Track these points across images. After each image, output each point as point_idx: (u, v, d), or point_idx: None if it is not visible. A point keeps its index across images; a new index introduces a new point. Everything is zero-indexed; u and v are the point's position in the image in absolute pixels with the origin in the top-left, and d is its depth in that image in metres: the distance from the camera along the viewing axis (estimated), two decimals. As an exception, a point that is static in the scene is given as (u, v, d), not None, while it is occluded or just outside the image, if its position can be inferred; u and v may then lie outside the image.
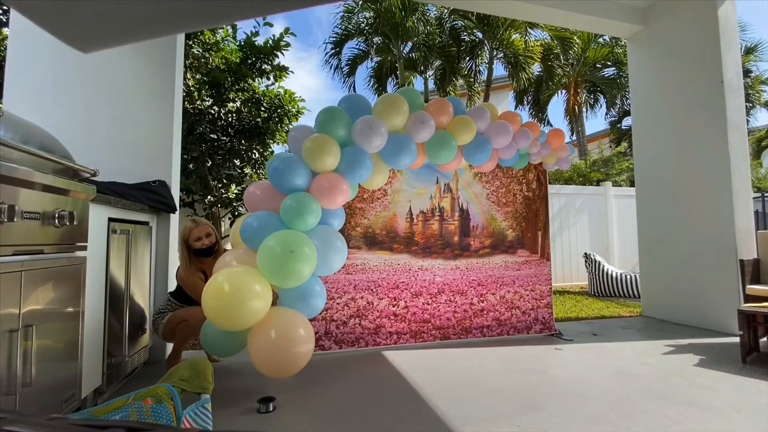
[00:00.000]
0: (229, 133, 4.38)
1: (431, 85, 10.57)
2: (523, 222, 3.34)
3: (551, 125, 12.39)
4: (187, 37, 3.76)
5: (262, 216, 2.25)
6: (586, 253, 5.75)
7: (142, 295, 2.37)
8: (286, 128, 4.67)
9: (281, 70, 4.47)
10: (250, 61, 4.36)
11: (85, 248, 1.69)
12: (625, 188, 7.33)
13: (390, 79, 10.41)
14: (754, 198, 5.98)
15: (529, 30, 9.45)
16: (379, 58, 10.11)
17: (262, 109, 4.51)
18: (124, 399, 1.07)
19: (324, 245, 2.27)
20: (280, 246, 1.97)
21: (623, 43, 8.80)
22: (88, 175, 1.89)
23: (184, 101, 3.81)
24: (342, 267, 2.57)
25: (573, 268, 6.41)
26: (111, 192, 2.08)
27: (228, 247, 4.65)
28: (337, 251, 2.32)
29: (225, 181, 4.34)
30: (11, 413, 0.26)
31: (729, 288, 3.22)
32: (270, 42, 4.31)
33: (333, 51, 9.91)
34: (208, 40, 4.19)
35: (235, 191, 4.44)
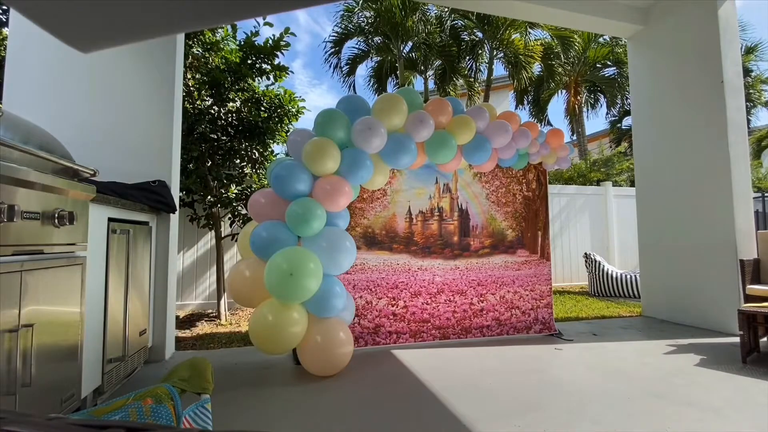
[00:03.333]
0: (229, 132, 4.37)
1: (431, 85, 10.57)
2: (523, 222, 3.34)
3: (551, 125, 12.39)
4: (187, 37, 3.75)
5: (269, 226, 2.28)
6: (586, 253, 5.75)
7: (141, 295, 2.37)
8: (286, 128, 4.67)
9: (281, 70, 4.47)
10: (250, 61, 4.35)
11: (85, 248, 1.69)
12: (625, 188, 7.33)
13: (390, 78, 10.41)
14: (754, 198, 5.98)
15: (530, 30, 9.44)
16: (379, 58, 10.11)
17: (262, 108, 4.51)
18: (123, 399, 1.07)
19: (332, 246, 2.30)
20: (280, 269, 2.08)
21: (623, 42, 8.80)
22: (87, 175, 1.88)
23: (184, 101, 3.81)
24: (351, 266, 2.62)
25: (573, 268, 6.41)
26: (111, 192, 2.08)
27: (234, 250, 4.65)
28: (346, 251, 2.35)
29: (225, 181, 4.33)
30: (11, 413, 0.26)
31: (729, 288, 3.22)
32: (270, 42, 4.30)
33: (333, 50, 9.92)
34: (208, 40, 4.19)
35: (235, 191, 4.44)
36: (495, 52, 9.76)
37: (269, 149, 4.69)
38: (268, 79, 4.54)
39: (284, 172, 2.29)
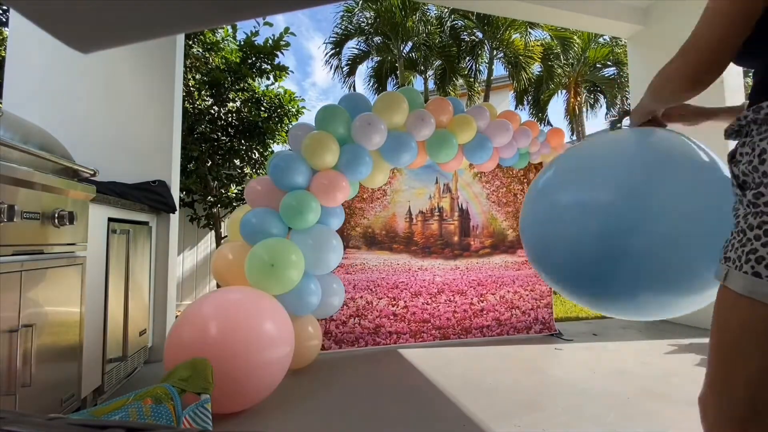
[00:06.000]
0: (229, 133, 4.38)
1: (431, 85, 10.57)
2: (523, 222, 3.34)
3: (551, 125, 12.38)
4: (187, 37, 3.76)
5: (261, 213, 2.27)
6: (586, 253, 5.75)
7: (141, 295, 2.37)
8: (286, 128, 4.68)
9: (281, 70, 4.48)
10: (250, 61, 4.36)
11: (84, 248, 1.69)
12: (625, 188, 7.31)
13: (390, 78, 10.41)
14: (754, 198, 5.96)
15: (529, 30, 9.45)
16: (379, 58, 10.11)
17: (262, 108, 4.51)
18: (123, 399, 1.07)
19: (319, 245, 2.30)
20: (261, 260, 2.07)
21: (623, 43, 8.79)
22: (87, 175, 1.88)
23: (184, 101, 3.81)
24: (338, 265, 2.63)
25: (573, 268, 6.41)
26: (111, 192, 2.08)
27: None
28: (333, 250, 2.35)
29: (225, 181, 4.34)
30: (11, 413, 0.26)
31: (729, 288, 3.21)
32: (270, 42, 4.31)
33: (333, 51, 9.92)
34: (208, 40, 4.19)
35: (235, 191, 4.44)
36: (495, 53, 9.76)
37: (269, 149, 4.69)
38: (268, 78, 4.55)
39: (283, 162, 2.31)
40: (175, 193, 2.80)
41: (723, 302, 0.75)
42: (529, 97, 11.76)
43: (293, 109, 4.71)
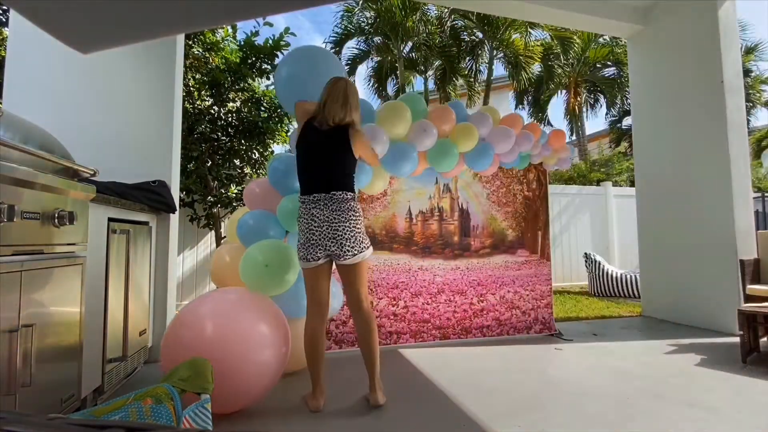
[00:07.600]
0: (229, 133, 4.38)
1: (431, 85, 10.57)
2: (523, 222, 3.34)
3: (551, 125, 12.38)
4: (187, 37, 3.76)
5: (258, 215, 2.27)
6: (586, 253, 5.75)
7: (141, 295, 2.37)
8: (286, 128, 4.68)
9: (281, 70, 4.47)
10: (250, 61, 4.36)
11: (85, 248, 1.69)
12: (625, 188, 7.33)
13: (390, 78, 10.41)
14: (754, 198, 5.97)
15: (529, 30, 9.45)
16: (379, 58, 10.11)
17: (262, 109, 4.51)
18: (124, 399, 1.07)
19: None
20: (255, 261, 2.06)
21: (623, 43, 8.79)
22: (87, 175, 1.88)
23: (184, 101, 3.81)
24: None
25: (573, 268, 6.41)
26: (111, 192, 2.08)
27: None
28: None
29: (225, 181, 4.34)
30: (11, 413, 0.26)
31: (729, 288, 3.22)
32: (270, 42, 4.31)
33: (333, 50, 9.91)
34: (208, 40, 4.19)
35: (235, 191, 4.44)
36: (495, 53, 9.76)
37: (269, 149, 4.69)
38: (268, 79, 4.55)
39: (282, 166, 2.30)
40: (175, 193, 2.80)
41: None
42: (529, 97, 11.77)
43: (293, 109, 4.71)
